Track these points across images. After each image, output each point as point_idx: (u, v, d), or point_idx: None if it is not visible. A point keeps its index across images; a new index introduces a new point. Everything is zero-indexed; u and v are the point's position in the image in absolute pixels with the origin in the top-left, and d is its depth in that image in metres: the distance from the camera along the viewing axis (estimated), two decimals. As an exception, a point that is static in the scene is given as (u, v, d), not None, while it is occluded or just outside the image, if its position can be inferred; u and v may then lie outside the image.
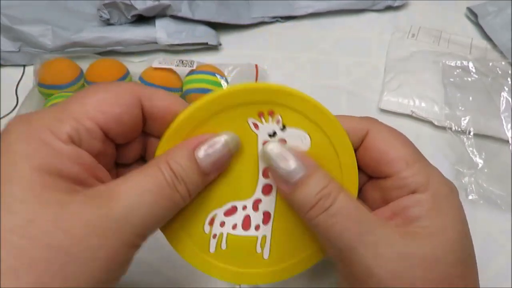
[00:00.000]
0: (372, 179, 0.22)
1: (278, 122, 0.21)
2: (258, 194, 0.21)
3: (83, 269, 0.15)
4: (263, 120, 0.21)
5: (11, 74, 0.42)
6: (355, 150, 0.22)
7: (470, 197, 0.34)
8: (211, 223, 0.21)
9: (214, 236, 0.22)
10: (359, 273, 0.19)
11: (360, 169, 0.22)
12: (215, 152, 0.19)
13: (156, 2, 0.41)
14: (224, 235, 0.22)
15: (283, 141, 0.21)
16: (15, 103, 0.39)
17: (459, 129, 0.38)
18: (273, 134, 0.21)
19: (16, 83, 0.41)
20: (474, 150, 0.36)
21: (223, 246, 0.22)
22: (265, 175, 0.21)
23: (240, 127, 0.20)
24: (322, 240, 0.20)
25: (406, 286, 0.18)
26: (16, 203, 0.15)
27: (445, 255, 0.19)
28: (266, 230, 0.22)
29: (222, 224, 0.21)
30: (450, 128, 0.38)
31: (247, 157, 0.21)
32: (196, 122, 0.20)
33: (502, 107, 0.39)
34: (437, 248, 0.19)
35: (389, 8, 0.49)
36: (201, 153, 0.19)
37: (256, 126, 0.21)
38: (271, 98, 0.20)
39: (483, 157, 0.36)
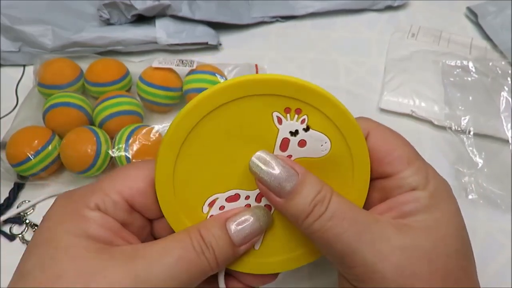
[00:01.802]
0: (370, 181, 0.22)
1: (303, 121, 0.20)
2: None
3: None
4: (288, 116, 0.20)
5: (11, 74, 0.42)
6: None
7: (470, 197, 0.34)
8: (211, 205, 0.21)
9: (210, 217, 0.21)
10: (362, 273, 0.19)
11: None
12: (247, 226, 0.20)
13: (156, 2, 0.41)
14: None
15: (302, 141, 0.20)
16: (15, 103, 0.39)
17: (459, 129, 0.38)
18: (295, 133, 0.20)
19: (16, 83, 0.41)
20: (474, 150, 0.36)
21: None
22: None
23: (262, 117, 0.20)
24: (320, 246, 0.20)
25: (409, 278, 0.18)
26: (48, 261, 0.18)
27: (444, 247, 0.19)
28: None
29: (222, 208, 0.21)
30: (450, 128, 0.38)
31: (262, 149, 0.20)
32: (219, 103, 0.19)
33: (502, 107, 0.39)
34: (435, 241, 0.19)
35: (389, 8, 0.49)
36: (233, 225, 0.20)
37: (280, 120, 0.20)
38: (301, 95, 0.19)
39: (483, 156, 0.36)
